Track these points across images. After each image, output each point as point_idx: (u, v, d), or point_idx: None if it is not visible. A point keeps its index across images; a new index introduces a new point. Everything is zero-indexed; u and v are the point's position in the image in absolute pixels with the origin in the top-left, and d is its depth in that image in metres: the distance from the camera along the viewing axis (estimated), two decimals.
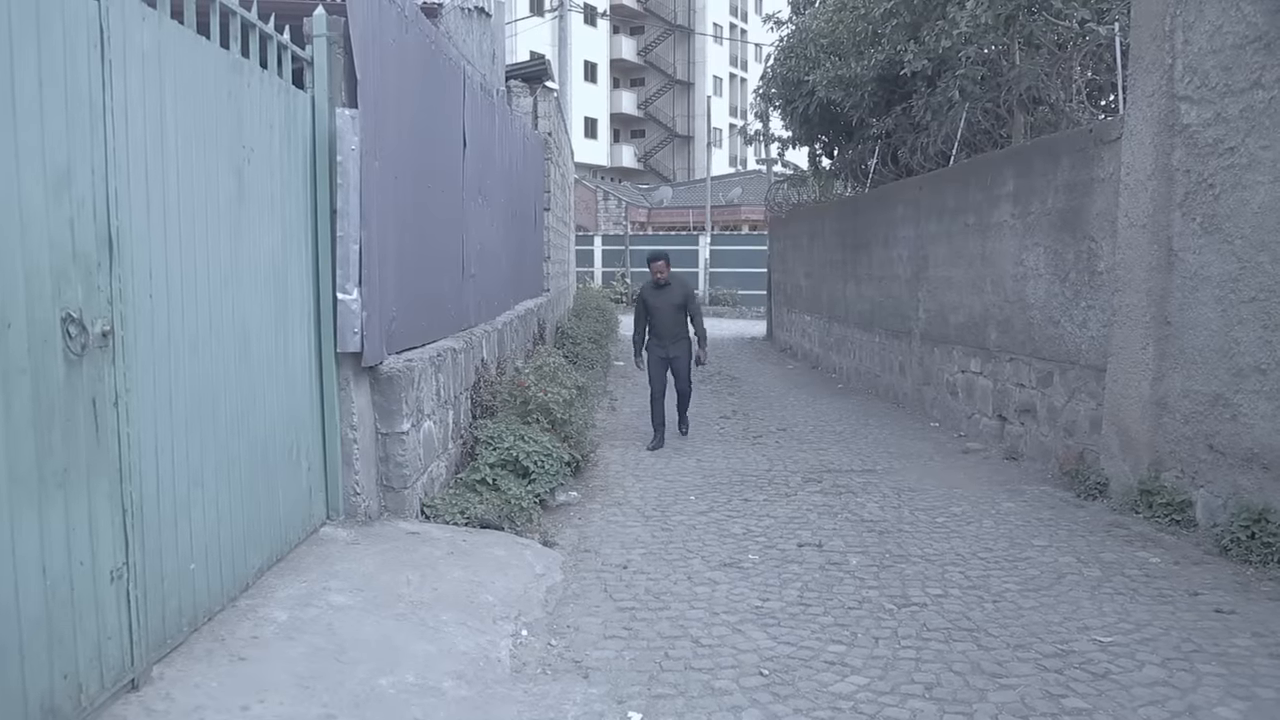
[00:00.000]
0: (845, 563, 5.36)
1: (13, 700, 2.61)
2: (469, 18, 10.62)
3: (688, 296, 9.08)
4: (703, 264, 30.45)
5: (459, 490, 5.90)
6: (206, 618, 3.74)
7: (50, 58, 2.77)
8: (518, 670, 3.85)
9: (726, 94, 57.42)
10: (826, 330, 15.18)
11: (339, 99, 4.87)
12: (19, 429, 2.63)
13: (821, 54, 13.41)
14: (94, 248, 2.98)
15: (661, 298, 8.99)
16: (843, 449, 8.79)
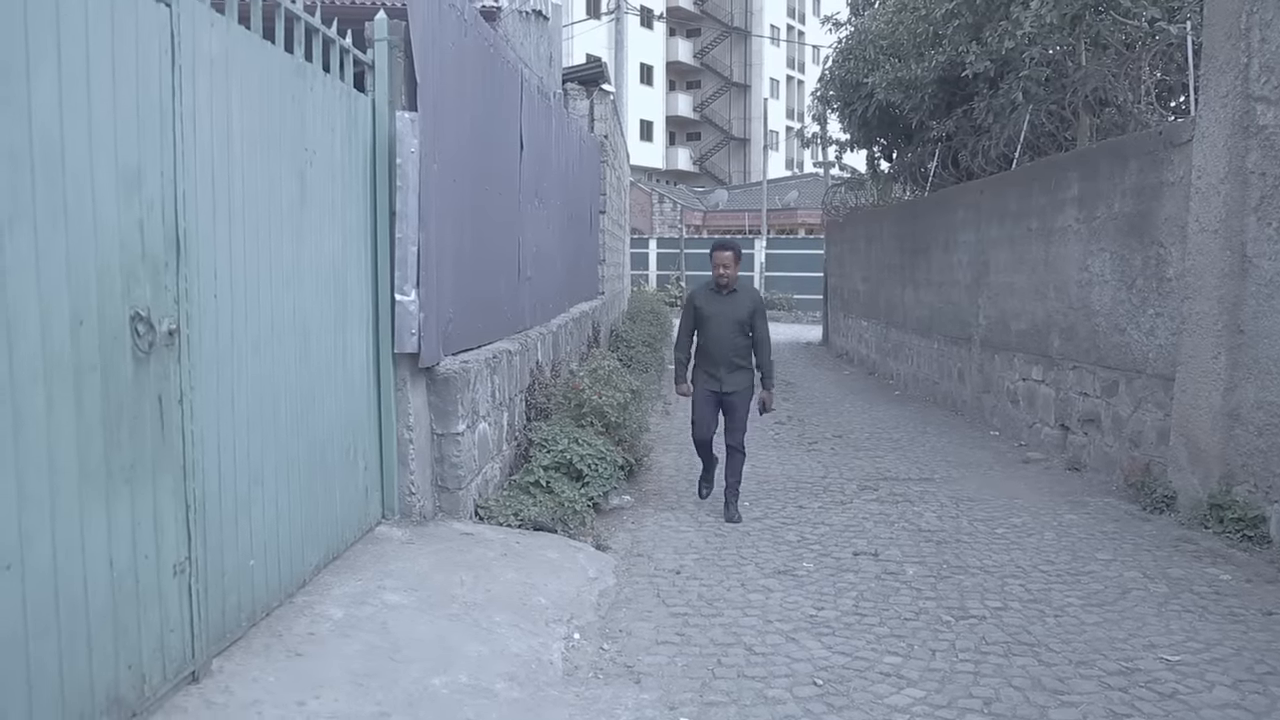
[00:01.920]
0: (902, 573, 5.28)
1: (80, 689, 2.67)
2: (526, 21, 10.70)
3: (756, 311, 6.50)
4: (758, 268, 30.30)
5: (513, 492, 5.93)
6: (264, 613, 3.79)
7: (123, 63, 2.83)
8: (570, 673, 3.85)
9: (783, 96, 57.13)
10: (884, 336, 15.01)
11: (399, 102, 4.92)
12: (89, 425, 2.69)
13: (881, 56, 13.27)
14: (162, 248, 3.04)
15: (720, 306, 6.44)
16: (900, 456, 8.67)
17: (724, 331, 6.43)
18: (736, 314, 6.45)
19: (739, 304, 6.48)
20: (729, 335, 6.43)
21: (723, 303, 6.49)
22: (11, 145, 2.39)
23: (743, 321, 6.44)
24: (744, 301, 6.49)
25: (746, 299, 6.53)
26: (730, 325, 6.43)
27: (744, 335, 6.45)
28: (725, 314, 6.45)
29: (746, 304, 6.49)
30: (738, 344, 6.46)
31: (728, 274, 6.38)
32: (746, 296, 6.56)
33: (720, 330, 6.44)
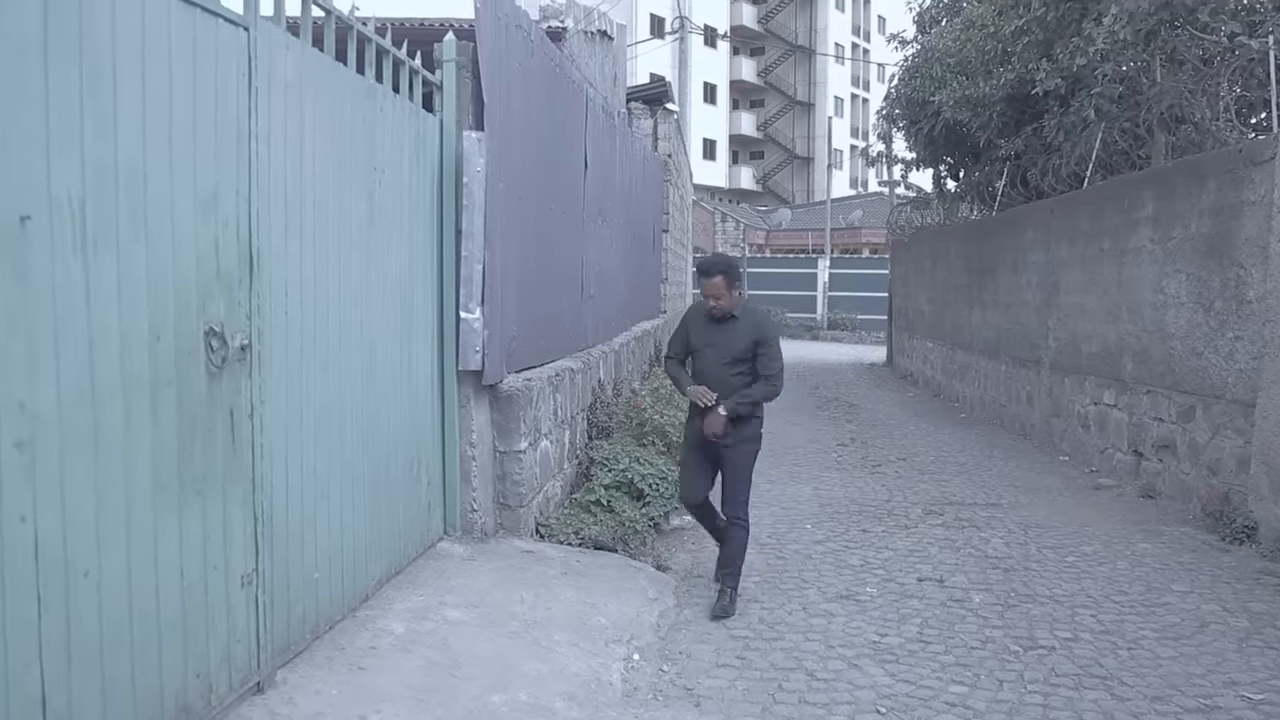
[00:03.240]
0: (968, 600, 5.17)
1: (151, 696, 2.72)
2: (591, 41, 10.79)
3: (761, 340, 4.99)
4: (821, 287, 30.08)
5: (573, 510, 5.93)
6: (328, 626, 3.83)
7: (203, 86, 2.91)
8: (629, 695, 3.83)
9: (848, 115, 56.81)
10: (949, 357, 14.78)
11: (466, 122, 4.98)
12: (164, 437, 2.75)
13: (948, 73, 13.11)
14: (236, 265, 3.11)
15: (713, 337, 5.04)
16: (966, 481, 8.50)
17: (717, 370, 5.01)
18: (733, 347, 4.98)
19: (737, 334, 4.99)
20: (724, 374, 4.99)
21: (717, 333, 5.04)
22: (99, 167, 2.47)
23: (741, 356, 4.98)
24: (744, 331, 5.00)
25: (748, 327, 5.02)
26: (725, 361, 5.00)
27: (746, 372, 5.00)
28: (719, 346, 5.02)
29: (747, 334, 4.99)
30: (734, 384, 4.97)
31: (720, 304, 4.95)
32: (748, 323, 5.04)
33: (712, 368, 5.03)
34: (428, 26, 6.69)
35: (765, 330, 5.09)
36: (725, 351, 5.00)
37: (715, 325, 5.05)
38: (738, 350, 4.99)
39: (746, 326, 5.04)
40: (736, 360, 5.00)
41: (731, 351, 4.99)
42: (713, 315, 5.01)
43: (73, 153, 2.38)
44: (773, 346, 5.04)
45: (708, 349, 5.07)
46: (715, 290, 4.93)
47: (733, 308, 5.00)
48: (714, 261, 5.03)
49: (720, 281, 4.92)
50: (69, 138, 2.37)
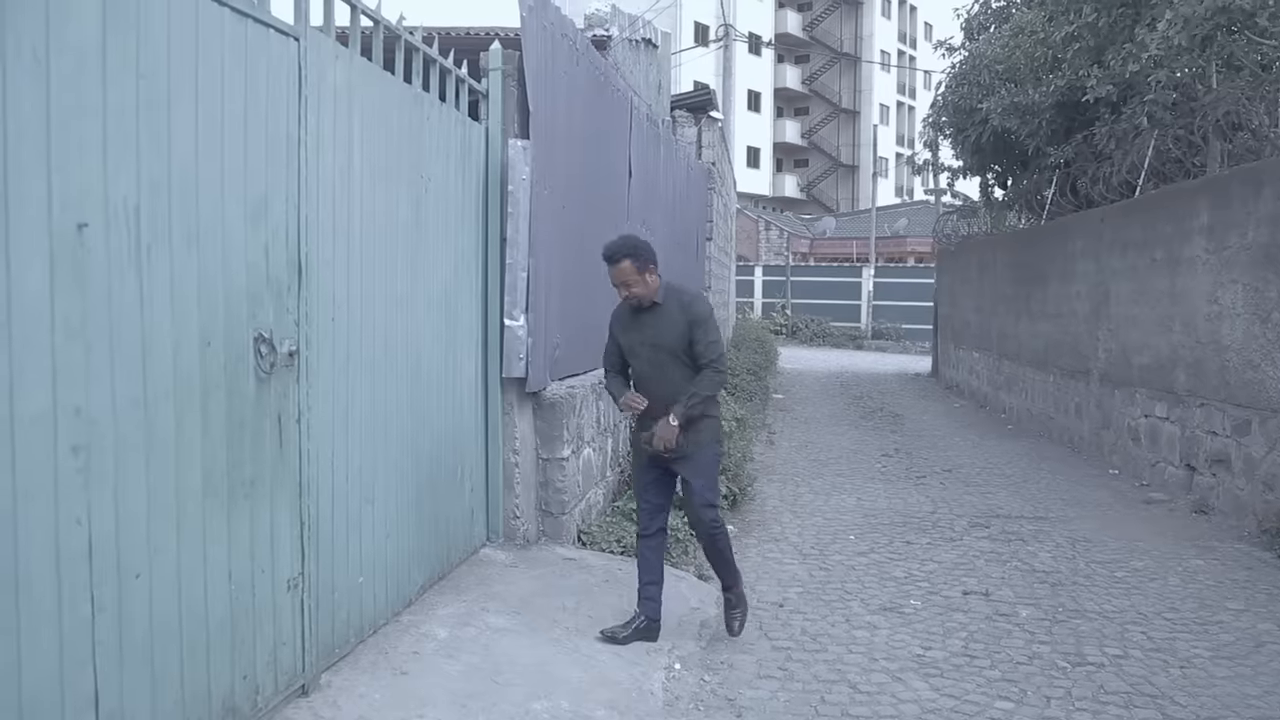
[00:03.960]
0: (1014, 614, 5.09)
1: (199, 696, 2.76)
2: (636, 49, 10.81)
3: (694, 323, 4.27)
4: (865, 296, 29.86)
5: (616, 518, 5.93)
6: (372, 630, 3.87)
7: (255, 96, 2.96)
8: (670, 704, 3.81)
9: (893, 122, 56.40)
10: (996, 368, 14.59)
11: (511, 130, 5.01)
12: (214, 441, 2.79)
13: (996, 81, 12.97)
14: (285, 272, 3.15)
15: (640, 331, 4.34)
16: (1012, 493, 8.38)
17: (653, 368, 4.31)
18: (665, 338, 4.27)
19: (666, 323, 4.28)
20: (664, 372, 4.28)
21: (644, 326, 4.31)
22: (153, 176, 2.51)
23: (678, 347, 4.27)
24: (672, 317, 4.28)
25: (675, 311, 4.29)
26: (661, 357, 4.29)
27: (686, 363, 4.30)
28: (649, 341, 4.30)
29: (676, 319, 4.27)
30: (673, 378, 4.27)
31: (635, 292, 4.23)
32: (674, 307, 4.30)
33: (648, 366, 4.32)
34: (474, 35, 6.75)
35: (695, 310, 4.33)
36: (658, 346, 4.29)
37: (640, 318, 4.33)
38: (671, 341, 4.27)
39: (673, 310, 4.30)
40: (674, 353, 4.28)
41: (665, 344, 4.28)
42: (635, 308, 4.32)
43: (129, 161, 2.43)
44: (707, 327, 4.31)
45: (640, 347, 4.34)
46: (624, 277, 4.20)
47: (651, 294, 4.27)
48: (618, 245, 4.26)
49: (628, 266, 4.18)
50: (125, 147, 2.41)
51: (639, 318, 4.33)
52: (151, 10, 2.49)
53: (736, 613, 4.59)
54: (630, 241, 4.30)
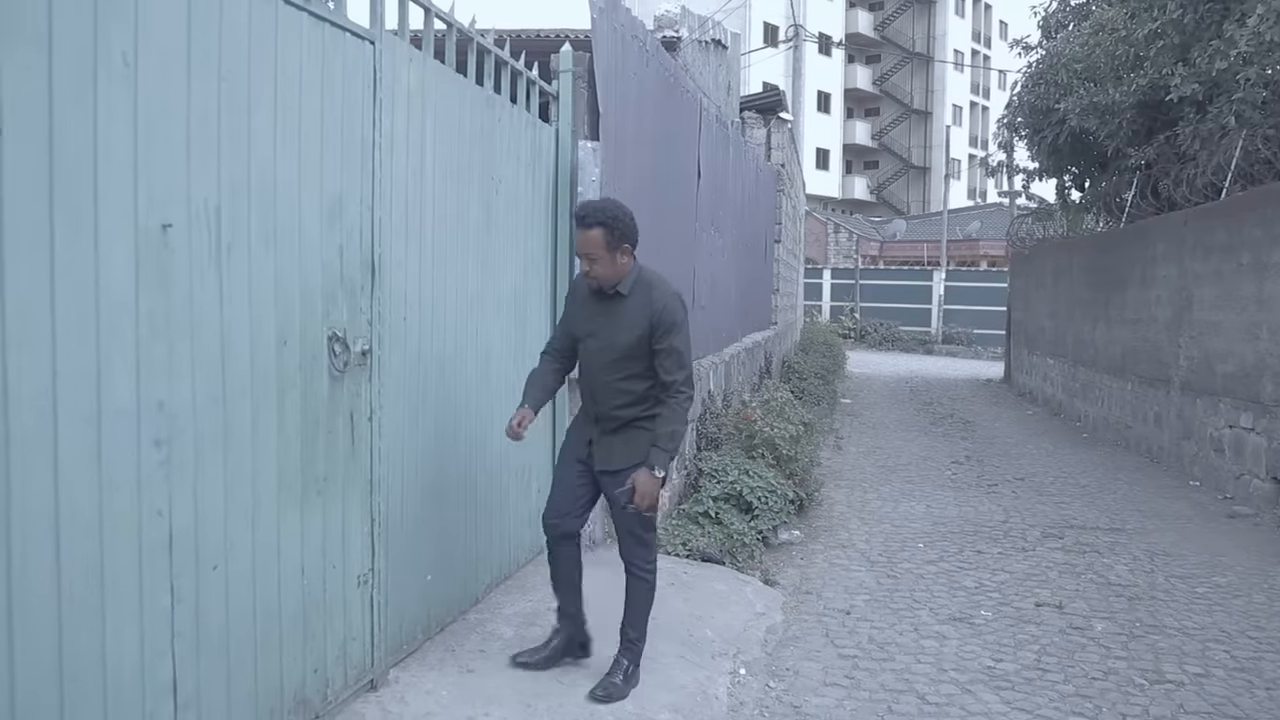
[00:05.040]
0: (1089, 628, 4.95)
1: (271, 688, 2.82)
2: (705, 50, 10.78)
3: (657, 329, 3.49)
4: (936, 300, 29.37)
5: (681, 521, 5.92)
6: (439, 628, 3.91)
7: (331, 99, 3.01)
8: (734, 710, 3.79)
9: (966, 123, 55.46)
10: (1071, 375, 14.24)
11: (581, 131, 5.03)
12: (289, 438, 2.85)
13: (1075, 80, 12.66)
14: (359, 272, 3.20)
15: (598, 320, 3.61)
16: (1087, 504, 8.16)
17: (600, 370, 3.59)
18: (617, 337, 3.53)
19: (624, 320, 3.53)
20: (611, 377, 3.56)
21: (596, 315, 3.61)
22: (234, 177, 2.57)
23: (630, 353, 3.52)
24: (632, 315, 3.51)
25: (638, 308, 3.51)
26: (608, 358, 3.56)
27: (639, 372, 3.54)
28: (602, 333, 3.58)
29: (637, 320, 3.50)
30: (620, 386, 3.56)
31: (595, 272, 3.49)
32: (639, 303, 3.52)
33: (595, 367, 3.61)
34: (544, 37, 6.79)
35: (664, 314, 3.48)
36: (609, 345, 3.54)
37: (599, 305, 3.59)
38: (624, 343, 3.51)
39: (636, 307, 3.50)
40: (624, 358, 3.52)
41: (618, 344, 3.52)
42: (597, 291, 3.56)
43: (210, 163, 2.49)
44: (675, 338, 3.49)
45: (589, 339, 3.62)
46: (589, 248, 3.45)
47: (616, 279, 3.50)
48: (594, 206, 3.54)
49: (598, 236, 3.42)
50: (207, 148, 2.47)
51: (598, 304, 3.58)
52: (234, 14, 2.55)
53: (615, 682, 3.60)
54: (610, 207, 3.52)
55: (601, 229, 3.42)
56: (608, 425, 3.61)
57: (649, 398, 3.57)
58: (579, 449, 3.72)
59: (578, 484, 3.71)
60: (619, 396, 3.57)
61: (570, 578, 3.76)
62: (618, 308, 3.55)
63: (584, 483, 3.71)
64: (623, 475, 3.54)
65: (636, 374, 3.54)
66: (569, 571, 3.75)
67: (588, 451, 3.68)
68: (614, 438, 3.61)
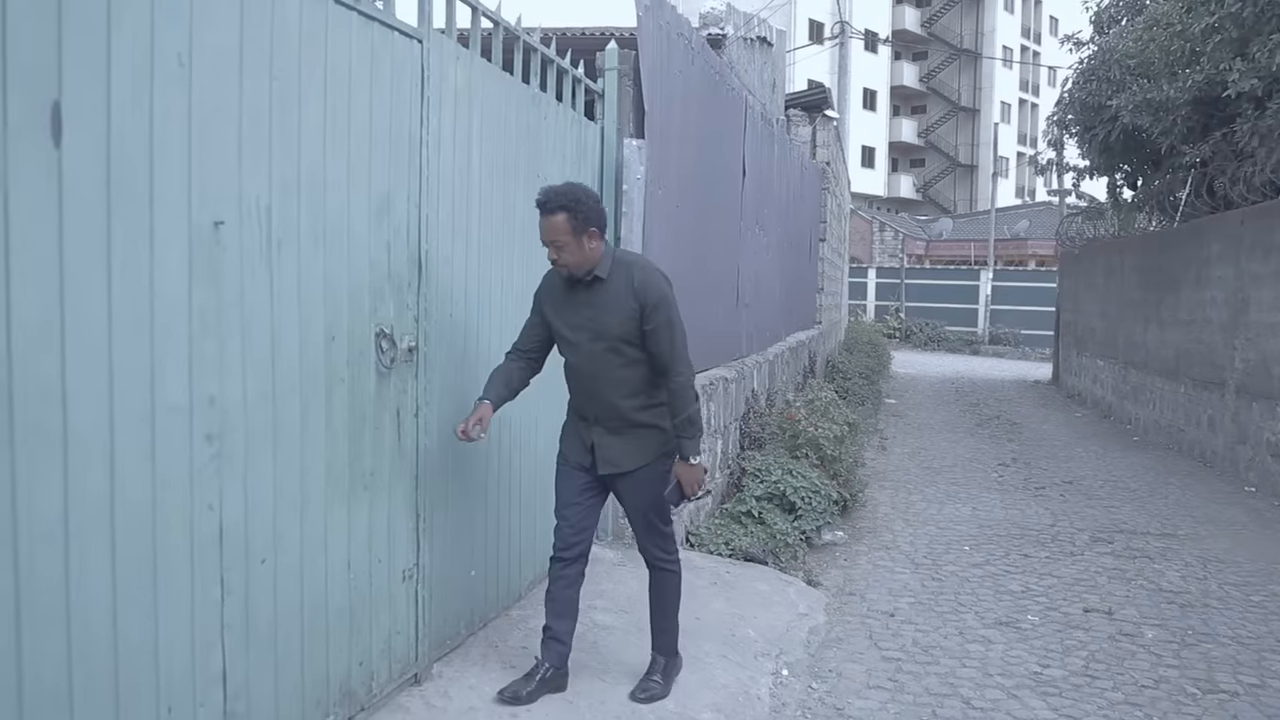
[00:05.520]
0: (1139, 635, 4.86)
1: (317, 680, 2.85)
2: (750, 48, 10.73)
3: (647, 310, 3.32)
4: (983, 300, 29.01)
5: (724, 521, 5.90)
6: (482, 623, 3.93)
7: (379, 97, 3.03)
8: (776, 710, 3.77)
9: (1015, 121, 54.69)
10: (1122, 377, 14.00)
11: (626, 129, 5.03)
12: (336, 434, 2.88)
13: (1128, 76, 12.43)
14: (406, 269, 3.22)
15: (579, 310, 3.41)
16: (1137, 508, 8.01)
17: (594, 364, 3.39)
18: (606, 325, 3.35)
19: (610, 304, 3.35)
20: (607, 369, 3.38)
21: (580, 305, 3.40)
22: (284, 175, 2.60)
23: (625, 333, 3.34)
24: (618, 299, 3.33)
25: (623, 293, 3.33)
26: (600, 349, 3.37)
27: (636, 358, 3.37)
28: (585, 325, 3.39)
29: (624, 303, 3.32)
30: (619, 376, 3.38)
31: (564, 259, 3.30)
32: (621, 284, 3.34)
33: (587, 362, 3.41)
34: (590, 35, 6.80)
35: (648, 290, 3.31)
36: (600, 335, 3.35)
37: (577, 295, 3.39)
38: (617, 329, 3.32)
39: (619, 290, 3.32)
40: (619, 343, 3.34)
41: (609, 333, 3.33)
42: (570, 280, 3.37)
43: (261, 161, 2.52)
44: (663, 313, 3.32)
45: (576, 334, 3.40)
46: (555, 234, 3.25)
47: (587, 265, 3.31)
48: (555, 191, 3.28)
49: (562, 222, 3.22)
50: (259, 147, 2.50)
51: (576, 294, 3.38)
52: (285, 14, 2.58)
53: (654, 681, 3.58)
54: (572, 190, 3.30)
55: (565, 213, 3.22)
56: (610, 424, 3.44)
57: (648, 385, 3.40)
58: (579, 456, 3.52)
59: (585, 500, 3.55)
60: (619, 388, 3.38)
61: (566, 602, 3.53)
62: (600, 293, 3.35)
63: (590, 495, 3.56)
64: (639, 474, 3.47)
65: (634, 360, 3.36)
66: (566, 596, 3.53)
67: (590, 458, 3.49)
68: (617, 438, 3.44)
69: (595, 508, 3.60)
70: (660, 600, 3.65)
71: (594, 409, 3.45)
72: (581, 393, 3.49)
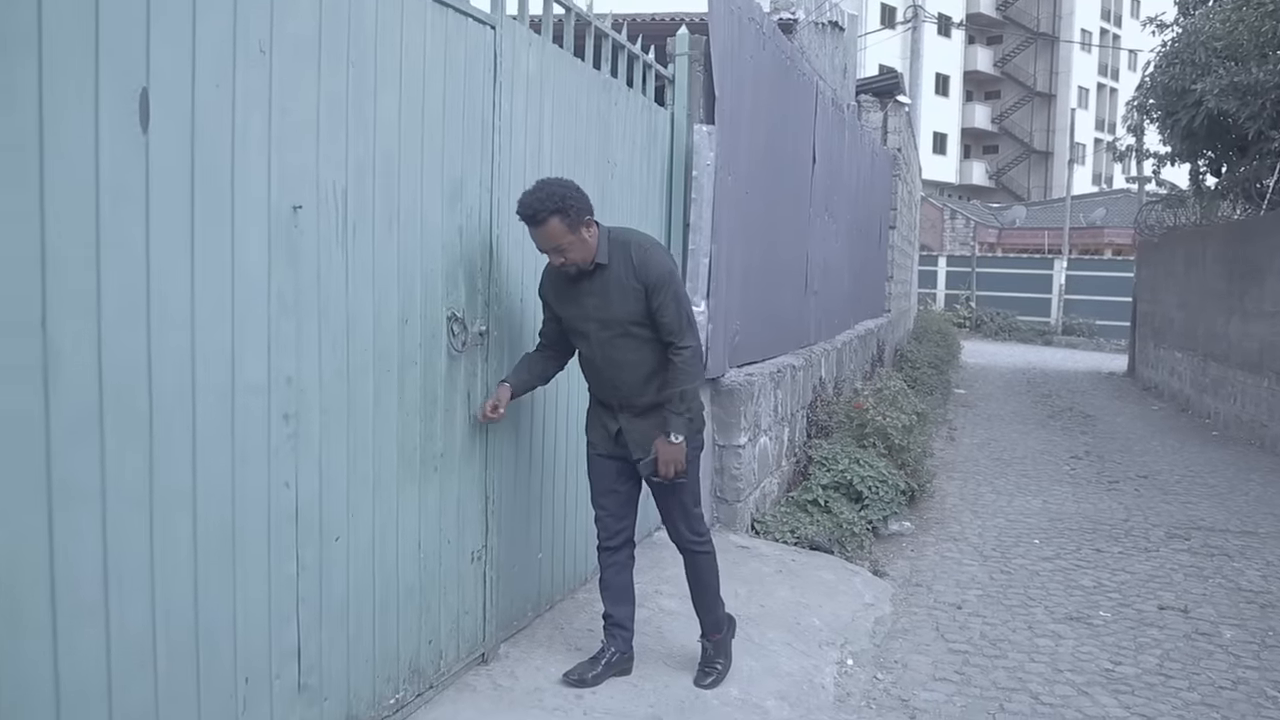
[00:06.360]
0: (1216, 634, 4.73)
1: (387, 656, 2.91)
2: (822, 32, 10.60)
3: (651, 287, 3.26)
4: (1056, 290, 28.33)
5: (789, 509, 5.87)
6: (548, 605, 3.97)
7: (453, 83, 3.06)
8: (841, 700, 3.74)
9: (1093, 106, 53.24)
10: (1201, 369, 13.59)
11: (697, 115, 5.01)
12: (409, 415, 2.93)
13: (1213, 59, 12.01)
14: (477, 253, 3.26)
15: (583, 302, 3.34)
16: (1216, 504, 7.78)
17: (607, 351, 3.35)
18: (614, 311, 3.30)
19: (614, 290, 3.29)
20: (620, 353, 3.34)
21: (583, 295, 3.33)
22: (359, 159, 2.65)
23: (635, 319, 3.30)
24: (621, 283, 3.28)
25: (625, 275, 3.28)
26: (610, 335, 3.33)
27: (649, 337, 3.33)
28: (593, 315, 3.33)
29: (627, 285, 3.28)
30: (635, 358, 3.35)
31: (571, 258, 3.21)
32: (621, 266, 3.28)
33: (599, 350, 3.37)
34: (660, 21, 6.78)
35: (651, 271, 3.26)
36: (608, 322, 3.31)
37: (579, 285, 3.32)
38: (625, 314, 3.29)
39: (622, 271, 3.27)
40: (629, 329, 3.31)
41: (618, 318, 3.29)
42: (572, 270, 3.27)
43: (338, 146, 2.56)
44: (671, 293, 3.28)
45: (585, 324, 3.35)
46: (554, 240, 3.15)
47: (592, 254, 3.25)
48: (538, 198, 3.12)
49: (557, 227, 3.12)
50: (335, 132, 2.55)
51: (578, 285, 3.32)
52: (362, 2, 2.62)
53: (715, 665, 3.61)
54: (554, 191, 3.14)
55: (557, 216, 3.11)
56: (634, 409, 3.40)
57: (665, 362, 3.34)
58: (606, 444, 3.49)
59: (621, 487, 3.53)
60: (637, 370, 3.35)
61: (627, 586, 3.59)
62: (602, 280, 3.29)
63: (625, 481, 3.53)
64: None
65: (647, 340, 3.32)
66: (620, 582, 3.57)
67: (618, 445, 3.46)
68: (644, 420, 3.39)
69: (633, 493, 3.58)
70: (700, 583, 3.62)
71: (615, 395, 3.42)
72: (600, 381, 3.46)
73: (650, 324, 3.30)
